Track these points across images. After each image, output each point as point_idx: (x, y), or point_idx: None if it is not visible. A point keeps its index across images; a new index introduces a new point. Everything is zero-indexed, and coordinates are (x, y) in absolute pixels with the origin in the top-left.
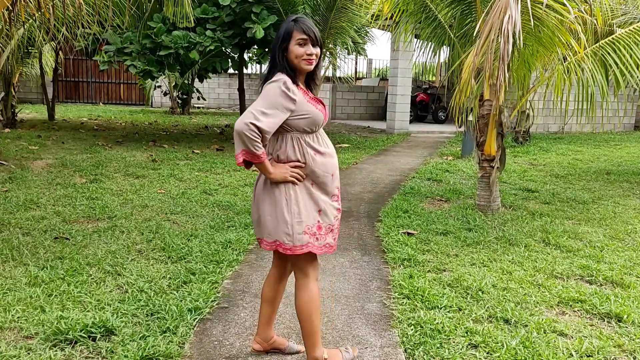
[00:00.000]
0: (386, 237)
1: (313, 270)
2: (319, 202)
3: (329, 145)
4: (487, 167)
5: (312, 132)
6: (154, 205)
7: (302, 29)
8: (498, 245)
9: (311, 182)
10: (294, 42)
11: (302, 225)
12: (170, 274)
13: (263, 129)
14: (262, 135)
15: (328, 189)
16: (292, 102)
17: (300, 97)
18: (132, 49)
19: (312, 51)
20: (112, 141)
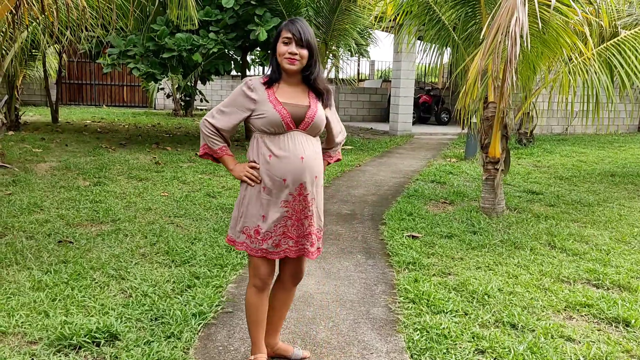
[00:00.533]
0: (390, 240)
1: (253, 276)
2: (265, 207)
3: (293, 149)
4: (492, 169)
5: (274, 133)
6: (157, 208)
7: (288, 29)
8: (503, 249)
9: (264, 186)
10: (280, 41)
11: (242, 226)
12: (174, 278)
13: (217, 126)
14: (218, 133)
15: (278, 195)
16: (251, 101)
17: (261, 97)
18: (135, 51)
19: (294, 50)
20: (115, 144)
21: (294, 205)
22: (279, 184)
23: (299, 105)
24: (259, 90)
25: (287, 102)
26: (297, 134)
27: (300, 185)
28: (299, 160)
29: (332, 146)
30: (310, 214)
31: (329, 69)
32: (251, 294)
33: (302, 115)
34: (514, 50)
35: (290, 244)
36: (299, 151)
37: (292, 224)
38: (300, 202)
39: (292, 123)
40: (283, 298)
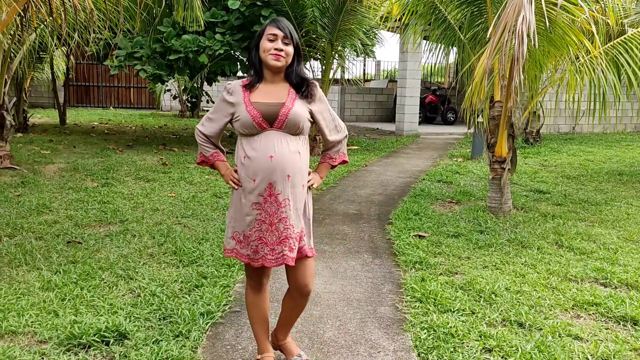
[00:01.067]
0: (397, 240)
1: (248, 278)
2: (243, 210)
3: (263, 148)
4: (498, 168)
5: (249, 134)
6: (164, 208)
7: (275, 25)
8: (510, 248)
9: (243, 189)
10: (265, 38)
11: (232, 230)
12: (182, 277)
13: (206, 133)
14: (208, 139)
15: (249, 197)
16: (229, 105)
17: (237, 99)
18: (142, 53)
19: (280, 47)
20: (122, 145)
21: (265, 207)
22: (250, 185)
23: (272, 104)
24: (236, 93)
25: (259, 102)
26: (271, 133)
27: (269, 185)
28: (268, 160)
29: (328, 146)
30: (284, 216)
31: (335, 69)
32: (248, 294)
33: (274, 114)
34: (521, 48)
35: (265, 251)
36: (269, 150)
37: (266, 228)
38: (272, 203)
39: (265, 122)
40: (291, 306)
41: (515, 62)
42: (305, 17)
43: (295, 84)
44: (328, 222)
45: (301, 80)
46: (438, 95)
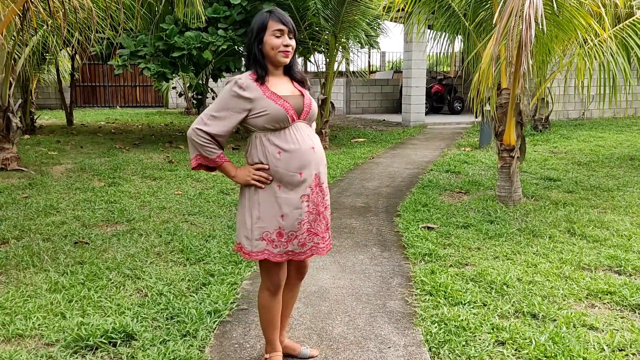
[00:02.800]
0: (406, 232)
1: (268, 280)
2: (283, 206)
3: (302, 141)
4: (507, 157)
5: (278, 129)
6: (171, 206)
7: (279, 20)
8: (521, 237)
9: (278, 184)
10: (270, 33)
11: (261, 231)
12: (189, 276)
13: (212, 133)
14: (214, 140)
15: (296, 190)
16: (246, 101)
17: (257, 94)
18: (145, 51)
19: (288, 42)
20: (129, 144)
21: (313, 198)
22: (296, 178)
23: (296, 96)
24: (251, 88)
25: (286, 95)
26: (300, 125)
27: (315, 176)
28: (311, 151)
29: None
30: (328, 204)
31: (339, 61)
32: (264, 297)
33: (301, 105)
34: (528, 33)
35: (315, 241)
36: (309, 142)
37: (314, 218)
38: (318, 193)
39: (295, 115)
40: (289, 296)
41: (523, 48)
42: (308, 10)
43: (297, 78)
44: (336, 215)
45: (304, 77)
46: (444, 85)
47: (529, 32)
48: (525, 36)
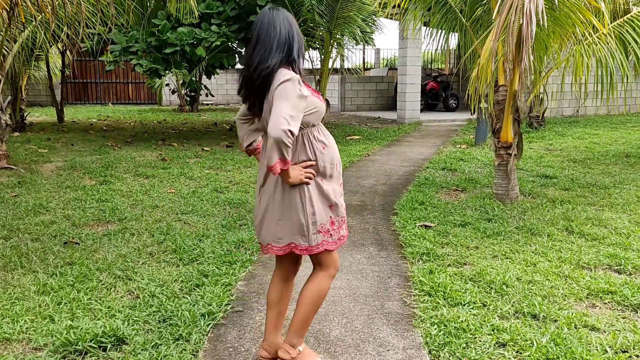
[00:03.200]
0: (403, 231)
1: (333, 265)
2: (330, 196)
3: (329, 134)
4: (504, 154)
5: (316, 125)
6: (164, 205)
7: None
8: (520, 236)
9: (321, 178)
10: (298, 29)
11: (317, 225)
12: (182, 277)
13: (295, 133)
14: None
15: (335, 180)
16: (304, 99)
17: (307, 91)
18: (137, 47)
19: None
20: (121, 141)
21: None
22: (334, 170)
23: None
24: (303, 86)
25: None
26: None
27: (340, 165)
28: (335, 144)
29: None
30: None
31: (334, 58)
32: (327, 284)
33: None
34: (529, 28)
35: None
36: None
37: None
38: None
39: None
40: (286, 292)
41: (524, 43)
42: (303, 6)
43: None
44: None
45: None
46: (439, 82)
47: (529, 27)
48: (526, 31)
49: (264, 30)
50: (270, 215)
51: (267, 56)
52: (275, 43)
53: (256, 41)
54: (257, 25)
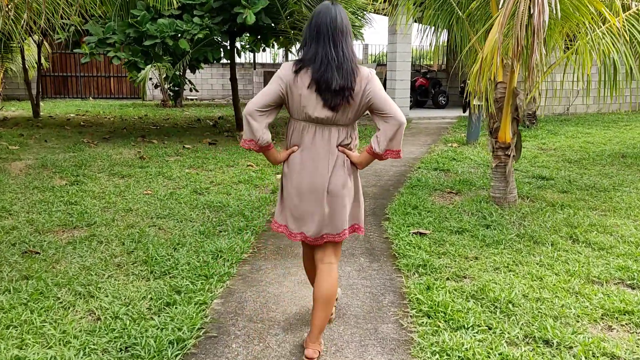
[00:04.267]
0: (396, 239)
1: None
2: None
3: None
4: (502, 155)
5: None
6: (138, 208)
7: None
8: (521, 245)
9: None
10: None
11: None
12: (152, 293)
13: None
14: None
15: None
16: None
17: None
18: (115, 39)
19: None
20: (98, 138)
21: None
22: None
23: None
24: None
25: None
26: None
27: None
28: None
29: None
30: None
31: None
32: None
33: None
34: (541, 18)
35: None
36: None
37: None
38: None
39: None
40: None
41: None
42: None
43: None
44: None
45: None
46: (429, 78)
47: (541, 17)
48: (537, 22)
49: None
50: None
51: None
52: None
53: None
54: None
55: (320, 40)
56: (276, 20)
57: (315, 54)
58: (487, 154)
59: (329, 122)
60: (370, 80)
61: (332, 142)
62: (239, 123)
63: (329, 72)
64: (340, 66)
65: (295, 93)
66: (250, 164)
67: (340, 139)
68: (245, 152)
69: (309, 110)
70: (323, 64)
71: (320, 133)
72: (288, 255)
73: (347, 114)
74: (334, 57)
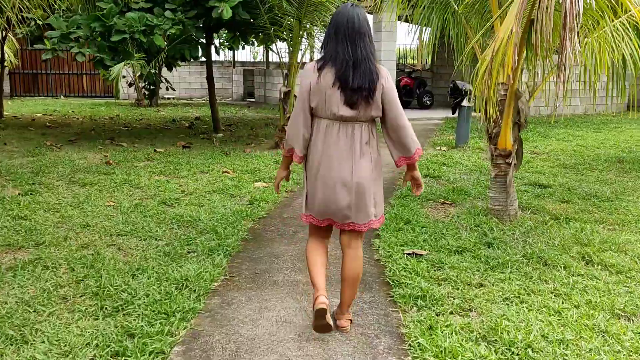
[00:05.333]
0: (389, 262)
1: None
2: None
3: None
4: (502, 164)
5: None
6: (97, 224)
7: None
8: (530, 267)
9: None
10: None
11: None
12: (99, 338)
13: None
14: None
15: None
16: None
17: None
18: (79, 34)
19: None
20: (63, 140)
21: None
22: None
23: None
24: None
25: None
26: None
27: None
28: None
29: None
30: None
31: (303, 51)
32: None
33: None
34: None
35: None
36: None
37: None
38: None
39: None
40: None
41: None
42: None
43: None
44: (301, 237)
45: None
46: (413, 78)
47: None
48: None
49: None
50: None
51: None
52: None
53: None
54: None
55: (339, 40)
56: (255, 16)
57: (335, 52)
58: (478, 159)
59: (351, 119)
60: (387, 79)
61: (355, 139)
62: (216, 124)
63: (348, 71)
64: (358, 65)
65: (320, 92)
66: (227, 170)
67: (362, 135)
68: (221, 158)
69: (333, 108)
70: (343, 63)
71: (343, 130)
72: (266, 283)
73: (369, 112)
74: (351, 56)
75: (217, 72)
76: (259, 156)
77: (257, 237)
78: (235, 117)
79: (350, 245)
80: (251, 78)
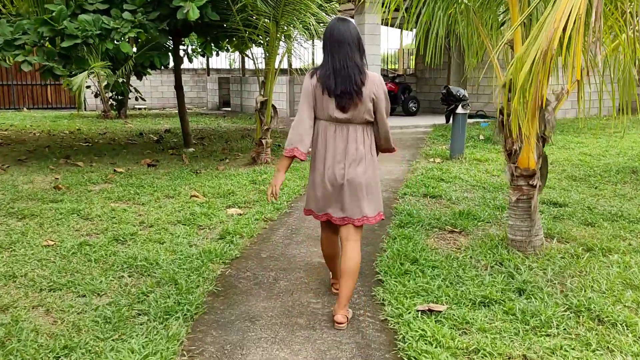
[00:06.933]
0: (399, 325)
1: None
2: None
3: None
4: (525, 186)
5: None
6: (27, 273)
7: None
8: (583, 328)
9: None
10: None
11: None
12: None
13: None
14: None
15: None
16: None
17: None
18: (25, 39)
19: None
20: (11, 160)
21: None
22: None
23: None
24: None
25: None
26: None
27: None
28: None
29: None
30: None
31: (282, 55)
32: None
33: None
34: None
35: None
36: None
37: None
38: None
39: None
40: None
41: None
42: None
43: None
44: (283, 286)
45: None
46: (397, 84)
47: None
48: None
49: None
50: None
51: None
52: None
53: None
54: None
55: (326, 51)
56: (226, 17)
57: (324, 63)
58: (478, 172)
59: (346, 121)
60: (379, 87)
61: (350, 139)
62: (186, 138)
63: (330, 79)
64: (339, 73)
65: (318, 96)
66: (195, 193)
67: (357, 136)
68: (190, 178)
69: (329, 111)
70: (327, 72)
71: (339, 131)
72: None
73: (361, 115)
74: (331, 65)
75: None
76: (233, 175)
77: (227, 288)
78: (208, 129)
79: (349, 238)
80: (227, 86)
